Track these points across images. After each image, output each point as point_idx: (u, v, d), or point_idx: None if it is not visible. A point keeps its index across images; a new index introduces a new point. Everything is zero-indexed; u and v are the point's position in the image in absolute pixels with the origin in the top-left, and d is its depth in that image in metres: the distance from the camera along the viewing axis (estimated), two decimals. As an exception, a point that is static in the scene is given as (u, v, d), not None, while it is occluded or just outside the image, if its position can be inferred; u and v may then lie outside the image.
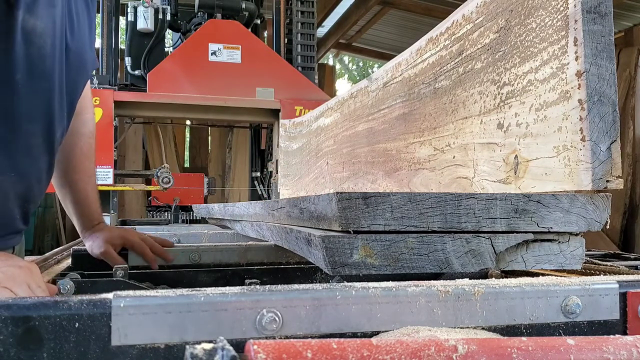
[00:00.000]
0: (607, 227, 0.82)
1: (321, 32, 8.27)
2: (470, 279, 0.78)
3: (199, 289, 0.68)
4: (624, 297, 0.78)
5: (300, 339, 0.65)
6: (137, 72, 4.10)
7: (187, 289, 0.67)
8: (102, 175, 3.61)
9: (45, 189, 1.22)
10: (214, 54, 4.03)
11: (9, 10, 0.98)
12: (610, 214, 0.82)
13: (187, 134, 8.50)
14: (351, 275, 0.77)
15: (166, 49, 4.39)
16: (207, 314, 0.65)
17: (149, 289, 1.17)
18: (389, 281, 0.73)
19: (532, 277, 0.85)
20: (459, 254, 0.78)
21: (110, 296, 0.63)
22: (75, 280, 1.14)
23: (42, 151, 1.14)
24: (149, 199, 4.68)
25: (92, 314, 0.62)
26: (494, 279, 0.97)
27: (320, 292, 0.68)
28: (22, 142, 1.08)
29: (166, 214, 4.25)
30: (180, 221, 4.01)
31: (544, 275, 1.05)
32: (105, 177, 3.64)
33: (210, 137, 8.27)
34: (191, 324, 0.64)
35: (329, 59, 11.93)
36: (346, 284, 0.72)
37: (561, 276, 0.92)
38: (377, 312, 0.69)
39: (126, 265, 1.34)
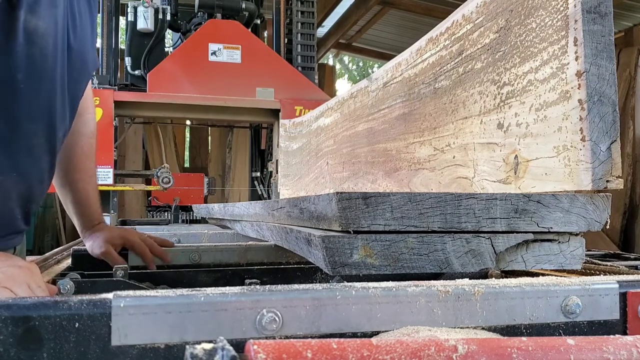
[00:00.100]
0: (607, 227, 0.82)
1: (321, 32, 8.27)
2: (470, 279, 0.78)
3: (199, 289, 0.68)
4: (624, 297, 0.78)
5: (300, 339, 0.65)
6: (137, 72, 4.10)
7: (187, 289, 0.67)
8: (102, 175, 3.61)
9: (46, 189, 1.22)
10: (214, 54, 4.03)
11: (11, 10, 0.98)
12: (610, 214, 0.82)
13: (187, 134, 8.50)
14: (351, 275, 0.77)
15: (166, 49, 4.39)
16: (207, 314, 0.65)
17: (149, 289, 1.17)
18: (389, 281, 0.73)
19: (532, 277, 0.85)
20: (459, 254, 0.78)
21: (110, 296, 0.63)
22: (75, 280, 1.14)
23: (44, 151, 1.14)
24: (149, 199, 4.68)
25: (92, 314, 0.62)
26: (494, 279, 0.97)
27: (320, 292, 0.68)
28: (23, 142, 1.08)
29: (166, 214, 4.25)
30: (180, 221, 4.01)
31: (544, 275, 1.05)
32: (105, 177, 3.64)
33: (210, 137, 8.27)
34: (191, 324, 0.64)
35: (329, 59, 11.93)
36: (346, 284, 0.72)
37: (561, 276, 0.92)
38: (377, 312, 0.69)
39: (126, 265, 1.34)
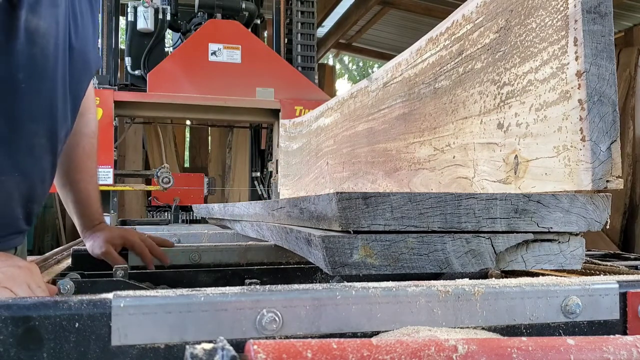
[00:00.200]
0: (607, 227, 0.82)
1: (321, 32, 8.27)
2: (470, 279, 0.78)
3: (199, 289, 0.68)
4: (624, 297, 0.78)
5: (300, 339, 0.65)
6: (137, 72, 4.10)
7: (187, 289, 0.67)
8: (102, 175, 3.61)
9: (48, 189, 1.22)
10: (214, 54, 4.03)
11: (12, 10, 0.98)
12: (610, 214, 0.82)
13: (187, 134, 8.50)
14: (351, 275, 0.77)
15: (166, 49, 4.39)
16: (207, 314, 0.64)
17: (149, 289, 1.17)
18: (389, 281, 0.73)
19: (532, 277, 0.85)
20: (459, 254, 0.78)
21: (110, 296, 0.63)
22: (75, 280, 1.13)
23: (46, 151, 1.14)
24: (149, 199, 4.68)
25: (92, 314, 0.62)
26: (494, 279, 0.97)
27: (320, 292, 0.68)
28: (25, 142, 1.08)
29: (166, 214, 4.25)
30: (180, 221, 4.01)
31: (544, 275, 1.05)
32: (105, 177, 3.64)
33: (210, 137, 8.27)
34: (191, 324, 0.64)
35: (329, 59, 11.93)
36: (346, 284, 0.72)
37: (561, 276, 0.92)
38: (377, 312, 0.69)
39: (126, 265, 1.34)
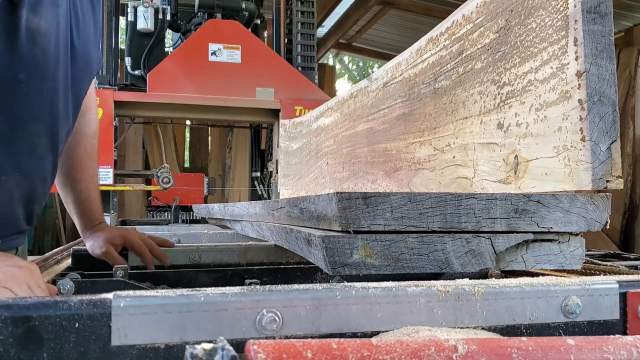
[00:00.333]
0: (607, 227, 0.82)
1: (321, 32, 8.27)
2: (470, 279, 0.78)
3: (199, 289, 0.68)
4: (624, 297, 0.78)
5: (300, 339, 0.65)
6: (137, 72, 4.10)
7: (187, 289, 0.67)
8: (102, 175, 3.60)
9: (49, 189, 1.22)
10: (214, 54, 4.03)
11: (13, 9, 0.98)
12: (610, 214, 0.82)
13: (187, 134, 8.50)
14: (351, 275, 0.77)
15: (166, 49, 4.39)
16: (207, 314, 0.64)
17: (149, 289, 1.17)
18: (389, 281, 0.73)
19: (532, 277, 0.85)
20: (459, 254, 0.78)
21: (110, 296, 0.63)
22: (75, 280, 1.13)
23: (47, 151, 1.14)
24: (149, 199, 4.68)
25: (92, 314, 0.62)
26: (494, 279, 0.97)
27: (320, 292, 0.68)
28: (26, 142, 1.08)
29: (166, 214, 4.25)
30: (180, 221, 4.01)
31: (544, 275, 1.05)
32: (105, 177, 3.64)
33: (210, 137, 8.27)
34: (191, 324, 0.64)
35: (329, 59, 11.93)
36: (346, 284, 0.72)
37: (561, 276, 0.92)
38: (377, 312, 0.69)
39: (126, 265, 1.34)
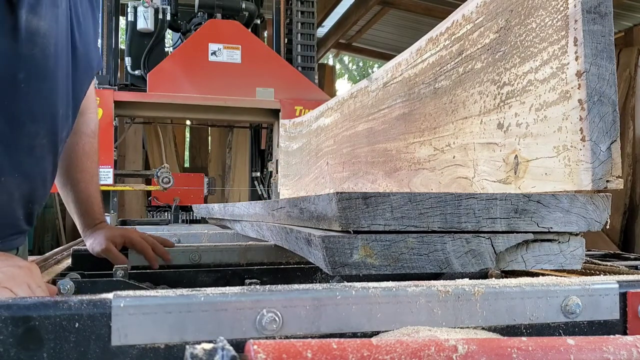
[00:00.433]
0: (607, 227, 0.82)
1: (321, 32, 8.27)
2: (470, 279, 0.78)
3: (199, 289, 0.68)
4: (624, 297, 0.78)
5: (300, 339, 0.65)
6: (137, 72, 4.10)
7: (187, 289, 0.67)
8: (102, 175, 3.60)
9: (49, 190, 1.22)
10: (214, 54, 4.03)
11: (12, 10, 0.98)
12: (610, 214, 0.82)
13: (187, 134, 8.50)
14: (351, 275, 0.77)
15: (166, 49, 4.39)
16: (207, 314, 0.64)
17: (149, 289, 1.17)
18: (389, 281, 0.73)
19: (532, 277, 0.85)
20: (459, 254, 0.78)
21: (110, 296, 0.63)
22: (75, 280, 1.13)
23: (47, 151, 1.14)
24: (149, 199, 4.68)
25: (92, 314, 0.62)
26: (494, 279, 0.97)
27: (320, 292, 0.68)
28: (26, 143, 1.08)
29: (166, 214, 4.25)
30: (180, 221, 4.01)
31: (544, 275, 1.05)
32: (105, 177, 3.64)
33: (210, 137, 8.27)
34: (191, 324, 0.64)
35: (329, 59, 11.93)
36: (346, 284, 0.72)
37: (561, 276, 0.92)
38: (377, 312, 0.69)
39: (126, 265, 1.34)
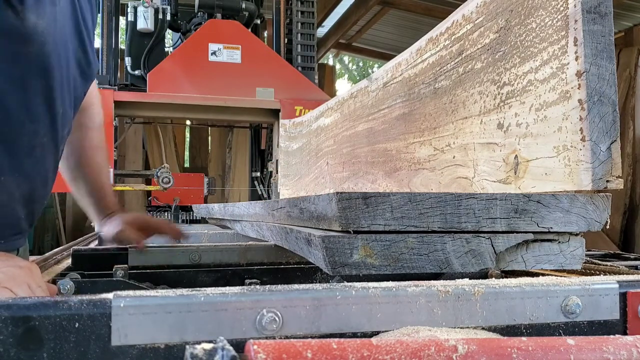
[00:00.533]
0: (607, 227, 0.82)
1: (321, 32, 8.27)
2: (470, 279, 0.78)
3: (199, 289, 0.68)
4: (624, 297, 0.78)
5: (300, 339, 0.64)
6: (137, 72, 4.11)
7: (187, 289, 0.67)
8: (102, 175, 3.61)
9: (50, 189, 1.22)
10: (214, 54, 4.03)
11: (10, 8, 0.98)
12: (610, 214, 0.82)
13: (187, 134, 8.50)
14: (351, 275, 0.77)
15: (166, 49, 4.39)
16: (207, 314, 0.64)
17: (149, 289, 1.17)
18: (389, 281, 0.73)
19: (532, 277, 0.85)
20: (459, 254, 0.78)
21: (110, 296, 0.63)
22: (75, 280, 1.13)
23: (47, 151, 1.14)
24: (149, 199, 4.69)
25: (92, 314, 0.62)
26: (494, 279, 0.97)
27: (320, 292, 0.68)
28: (25, 142, 1.08)
29: (166, 214, 4.25)
30: (180, 221, 4.01)
31: (544, 275, 1.05)
32: (105, 177, 3.64)
33: (210, 137, 8.27)
34: (191, 324, 0.64)
35: (329, 59, 11.94)
36: (346, 284, 0.72)
37: (561, 276, 0.92)
38: (377, 312, 0.69)
39: (126, 265, 1.34)
